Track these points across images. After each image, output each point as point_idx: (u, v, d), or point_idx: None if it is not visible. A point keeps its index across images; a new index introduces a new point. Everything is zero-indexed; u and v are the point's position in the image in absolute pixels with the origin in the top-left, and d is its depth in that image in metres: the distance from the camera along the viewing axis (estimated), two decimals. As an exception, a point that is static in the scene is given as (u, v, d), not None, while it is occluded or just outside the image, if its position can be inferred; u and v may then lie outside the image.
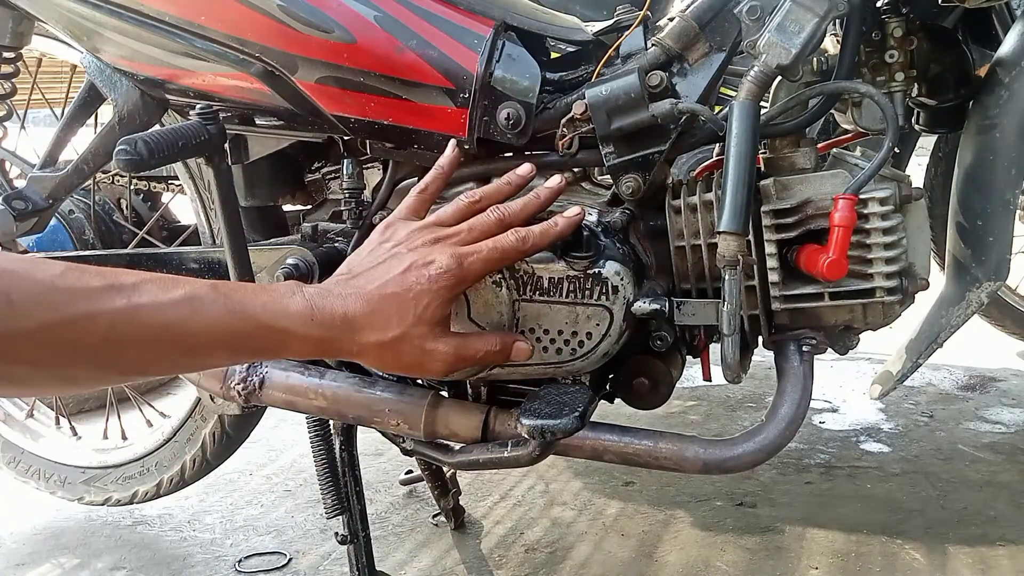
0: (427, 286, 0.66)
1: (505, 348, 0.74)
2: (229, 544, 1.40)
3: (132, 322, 0.56)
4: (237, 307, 0.61)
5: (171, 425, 1.39)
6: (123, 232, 1.44)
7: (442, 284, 0.67)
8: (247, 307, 0.61)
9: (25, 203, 1.14)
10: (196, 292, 0.59)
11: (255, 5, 0.87)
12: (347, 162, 0.95)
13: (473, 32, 0.86)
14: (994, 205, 0.84)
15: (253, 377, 0.93)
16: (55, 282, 0.53)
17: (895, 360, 0.94)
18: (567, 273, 0.80)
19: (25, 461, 1.51)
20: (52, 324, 0.52)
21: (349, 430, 1.03)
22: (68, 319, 0.52)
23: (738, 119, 0.74)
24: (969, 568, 1.20)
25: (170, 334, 0.58)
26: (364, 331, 0.65)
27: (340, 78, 0.87)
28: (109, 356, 0.56)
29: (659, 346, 0.85)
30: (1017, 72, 0.84)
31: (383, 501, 1.51)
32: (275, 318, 0.62)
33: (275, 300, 0.63)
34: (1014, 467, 1.50)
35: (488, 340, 0.73)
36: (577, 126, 0.83)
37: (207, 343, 0.60)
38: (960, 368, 2.01)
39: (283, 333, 0.63)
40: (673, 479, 1.50)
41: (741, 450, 0.83)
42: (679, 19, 0.82)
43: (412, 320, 0.66)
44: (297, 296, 0.64)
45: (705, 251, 0.82)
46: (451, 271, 0.67)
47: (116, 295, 0.55)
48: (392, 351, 0.67)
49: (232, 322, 0.60)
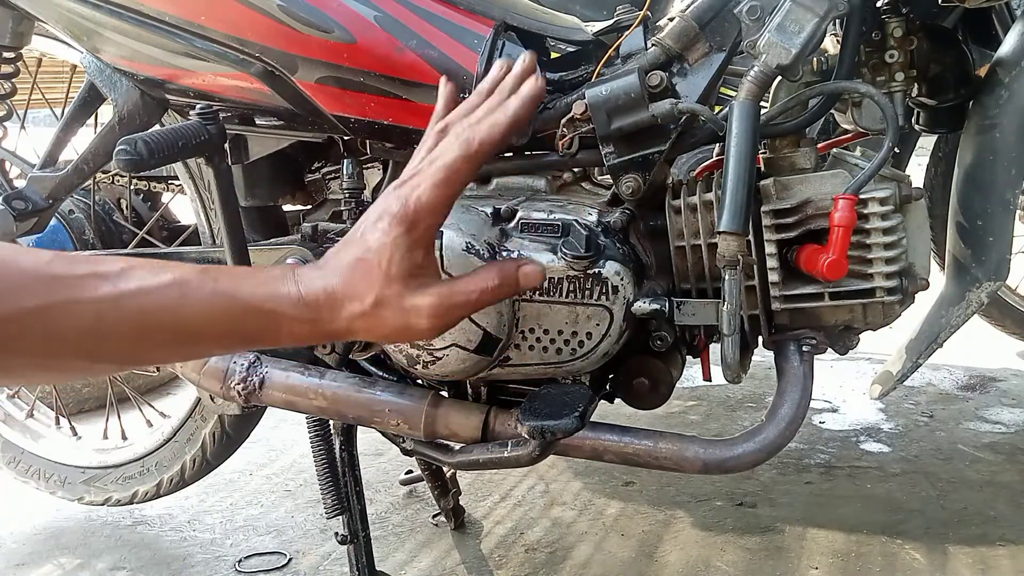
0: (382, 239, 0.61)
1: (507, 280, 0.65)
2: (229, 544, 1.40)
3: (118, 310, 0.54)
4: (227, 290, 0.58)
5: (171, 425, 1.39)
6: (123, 232, 1.44)
7: (395, 231, 0.61)
8: (238, 290, 0.58)
9: (25, 203, 1.14)
10: (184, 277, 0.57)
11: (255, 5, 0.87)
12: (347, 162, 0.95)
13: (473, 32, 0.86)
14: (994, 205, 0.84)
15: (253, 377, 0.93)
16: (40, 269, 0.52)
17: (895, 360, 0.94)
18: (567, 273, 0.80)
19: (25, 461, 1.51)
20: (34, 311, 0.50)
21: (349, 430, 1.03)
22: (50, 306, 0.51)
23: (738, 119, 0.74)
24: (969, 568, 1.20)
25: (158, 321, 0.55)
26: (344, 305, 0.61)
27: (340, 78, 0.87)
28: (95, 345, 0.54)
29: (659, 346, 0.85)
30: (1017, 72, 0.84)
31: (383, 501, 1.51)
32: (264, 300, 0.59)
33: (264, 282, 0.60)
34: (1014, 467, 1.50)
35: (480, 277, 0.64)
36: (577, 126, 0.82)
37: (197, 330, 0.57)
38: (960, 368, 2.01)
39: (274, 316, 0.60)
40: (673, 479, 1.49)
41: (741, 450, 0.83)
42: (679, 19, 0.82)
43: (381, 280, 0.61)
44: (287, 277, 0.61)
45: (705, 251, 0.82)
46: (397, 214, 0.61)
47: (101, 282, 0.54)
48: (375, 318, 0.62)
49: (222, 306, 0.58)
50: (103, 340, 0.54)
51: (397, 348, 0.83)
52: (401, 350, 0.83)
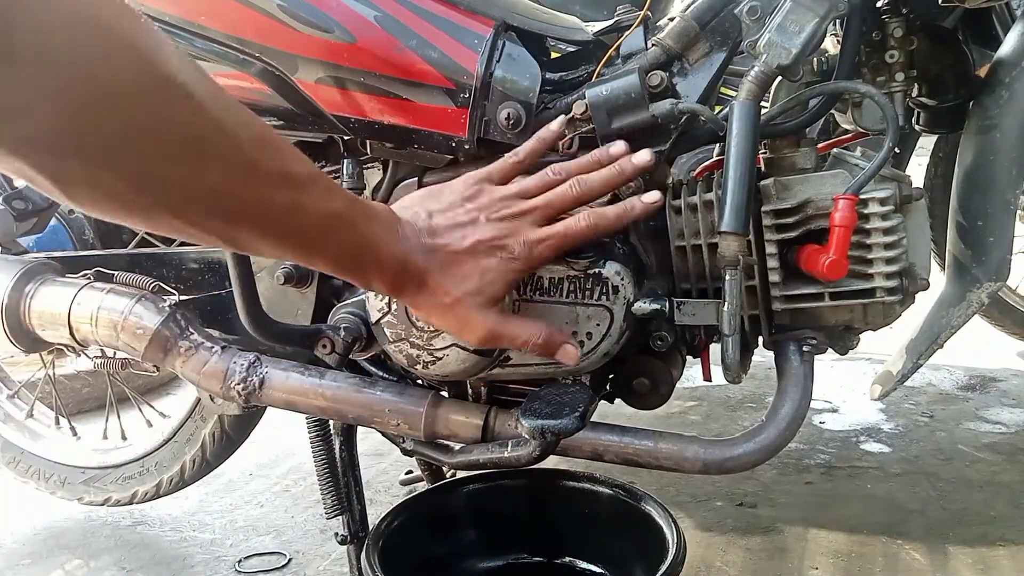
0: (497, 267, 0.70)
1: (550, 346, 0.74)
2: (229, 544, 1.40)
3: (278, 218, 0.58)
4: (367, 236, 0.65)
5: (171, 425, 1.39)
6: (123, 232, 1.44)
7: (511, 267, 0.70)
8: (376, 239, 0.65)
9: (25, 203, 1.14)
10: (342, 214, 0.62)
11: (255, 5, 0.87)
12: (347, 162, 0.95)
13: (473, 32, 0.86)
14: (994, 205, 0.84)
15: (253, 377, 0.93)
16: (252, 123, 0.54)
17: (895, 360, 0.94)
18: (567, 273, 0.80)
19: (25, 461, 1.51)
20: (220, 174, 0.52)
21: (349, 430, 1.03)
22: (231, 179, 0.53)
23: (738, 119, 0.74)
24: (969, 568, 1.20)
25: (301, 241, 0.61)
26: (428, 290, 0.69)
27: (340, 78, 0.87)
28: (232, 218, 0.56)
29: (659, 346, 0.85)
30: (1017, 72, 0.83)
31: (383, 501, 1.51)
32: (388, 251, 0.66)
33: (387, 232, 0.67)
34: (1014, 467, 1.50)
35: (532, 330, 0.73)
36: (577, 126, 0.82)
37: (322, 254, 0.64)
38: (960, 368, 2.00)
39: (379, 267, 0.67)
40: (673, 479, 1.49)
41: (741, 450, 0.83)
42: (679, 19, 0.82)
43: (473, 290, 0.69)
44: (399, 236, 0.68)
45: (705, 251, 0.82)
46: (522, 258, 0.71)
47: (286, 188, 0.57)
48: (442, 309, 0.70)
49: (356, 253, 0.65)
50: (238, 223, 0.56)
51: (397, 349, 0.83)
52: (401, 350, 0.83)
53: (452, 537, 1.01)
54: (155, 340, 0.94)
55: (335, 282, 0.99)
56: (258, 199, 0.55)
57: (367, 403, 0.90)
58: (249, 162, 0.54)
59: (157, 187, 0.49)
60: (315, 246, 0.62)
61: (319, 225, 0.61)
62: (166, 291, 1.04)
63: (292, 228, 0.59)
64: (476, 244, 0.70)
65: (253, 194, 0.55)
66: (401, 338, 0.82)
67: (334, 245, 0.63)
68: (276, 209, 0.57)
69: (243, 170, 0.53)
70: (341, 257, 0.65)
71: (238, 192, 0.54)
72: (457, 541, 1.01)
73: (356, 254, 0.65)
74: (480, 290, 0.70)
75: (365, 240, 0.65)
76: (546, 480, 1.03)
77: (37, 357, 1.46)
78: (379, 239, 0.66)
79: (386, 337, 0.83)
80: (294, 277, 0.97)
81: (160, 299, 0.98)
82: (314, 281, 0.99)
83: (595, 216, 0.73)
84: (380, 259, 0.66)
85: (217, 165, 0.51)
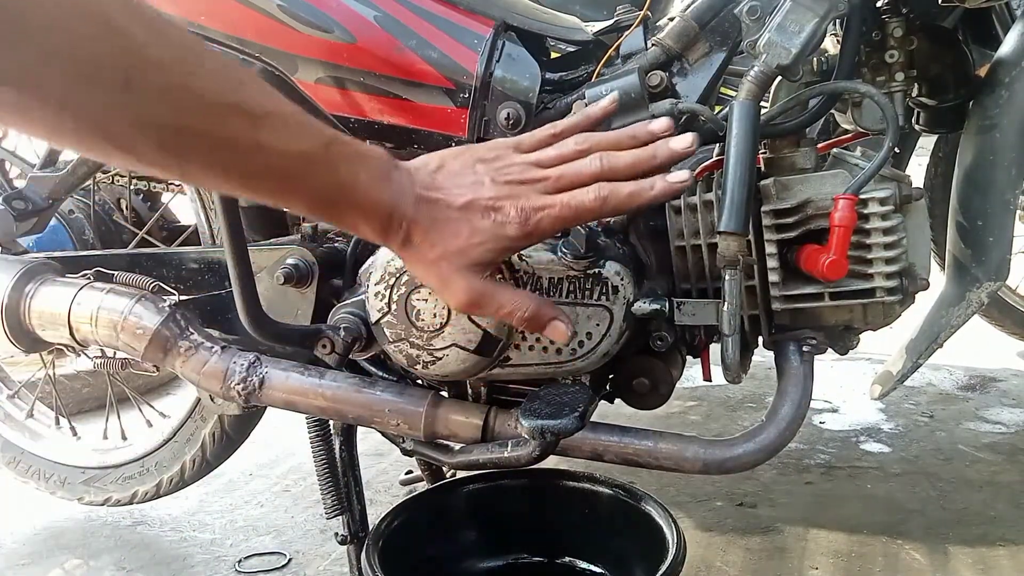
0: (488, 229, 0.64)
1: (538, 319, 0.68)
2: (229, 544, 1.40)
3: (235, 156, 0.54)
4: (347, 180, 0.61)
5: (171, 425, 1.39)
6: (123, 232, 1.44)
7: (503, 232, 0.64)
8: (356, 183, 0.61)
9: (25, 203, 1.14)
10: (315, 154, 0.58)
11: (255, 5, 0.87)
12: (347, 162, 0.95)
13: (473, 32, 0.86)
14: (994, 205, 0.84)
15: (253, 377, 0.93)
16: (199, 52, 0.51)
17: (895, 360, 0.94)
18: (567, 273, 0.80)
19: (25, 461, 1.51)
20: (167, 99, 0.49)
21: (349, 430, 1.03)
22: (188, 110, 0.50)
23: (738, 119, 0.74)
24: (969, 568, 1.20)
25: (266, 183, 0.58)
26: (414, 243, 0.65)
27: (340, 78, 0.87)
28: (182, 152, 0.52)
29: (659, 346, 0.85)
30: (1017, 72, 0.83)
31: (383, 501, 1.51)
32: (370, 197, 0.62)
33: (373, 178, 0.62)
34: (1014, 467, 1.50)
35: (518, 300, 0.68)
36: (577, 126, 0.82)
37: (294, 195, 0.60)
38: (960, 368, 2.00)
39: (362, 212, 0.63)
40: (673, 479, 1.49)
41: (741, 450, 0.83)
42: (679, 19, 0.82)
43: (457, 249, 0.65)
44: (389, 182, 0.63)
45: (705, 251, 0.82)
46: (517, 224, 0.64)
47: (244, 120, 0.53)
48: (425, 264, 0.66)
49: (331, 196, 0.61)
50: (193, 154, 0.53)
51: (397, 349, 0.83)
52: (401, 350, 0.83)
53: (452, 537, 1.01)
54: (155, 340, 0.94)
55: (335, 282, 0.99)
56: (208, 133, 0.52)
57: (367, 403, 0.90)
58: (191, 91, 0.50)
59: (80, 111, 0.47)
60: (285, 188, 0.59)
61: (284, 166, 0.57)
62: (166, 291, 1.04)
63: (254, 168, 0.56)
64: (471, 202, 0.65)
65: (201, 127, 0.51)
66: (401, 338, 0.82)
67: (307, 188, 0.59)
68: (231, 145, 0.53)
69: (184, 100, 0.50)
70: (315, 200, 0.61)
71: (184, 124, 0.51)
72: (457, 541, 1.01)
73: (330, 198, 0.61)
74: (464, 251, 0.64)
75: (344, 184, 0.61)
76: (546, 480, 1.03)
77: (37, 357, 1.46)
78: (360, 183, 0.61)
79: (386, 337, 0.83)
80: (294, 277, 0.97)
81: (160, 299, 0.98)
82: (314, 281, 0.99)
83: (607, 190, 0.65)
84: (360, 204, 0.62)
85: (146, 90, 0.48)
